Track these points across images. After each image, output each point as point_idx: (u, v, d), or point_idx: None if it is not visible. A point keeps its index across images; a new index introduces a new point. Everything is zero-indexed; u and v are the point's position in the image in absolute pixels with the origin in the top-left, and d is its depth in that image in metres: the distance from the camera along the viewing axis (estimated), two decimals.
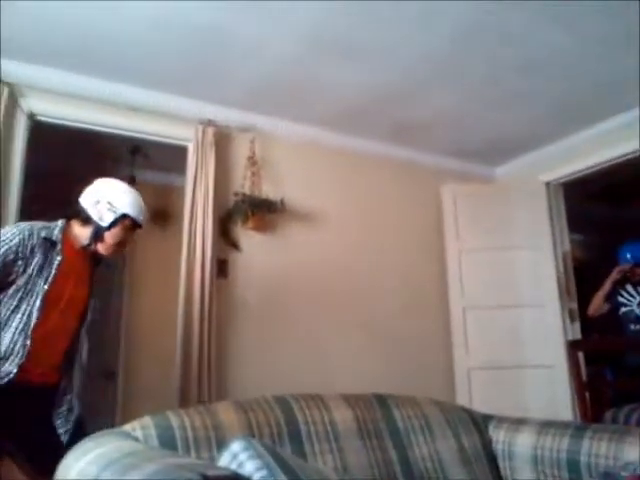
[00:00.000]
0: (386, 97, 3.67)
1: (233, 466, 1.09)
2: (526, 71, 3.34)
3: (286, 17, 2.81)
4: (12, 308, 2.08)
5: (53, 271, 2.16)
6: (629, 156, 3.97)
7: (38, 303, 2.11)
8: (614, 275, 4.00)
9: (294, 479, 1.08)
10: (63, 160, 3.98)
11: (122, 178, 4.27)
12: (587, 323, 4.33)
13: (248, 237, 3.72)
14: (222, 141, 3.75)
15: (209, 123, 3.66)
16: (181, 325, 3.32)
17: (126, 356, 4.50)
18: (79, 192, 2.32)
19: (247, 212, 3.60)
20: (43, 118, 3.29)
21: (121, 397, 4.31)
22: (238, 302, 3.62)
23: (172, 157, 3.97)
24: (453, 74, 3.40)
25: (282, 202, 3.70)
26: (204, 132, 3.62)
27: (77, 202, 2.30)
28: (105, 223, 2.26)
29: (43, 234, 2.16)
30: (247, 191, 3.69)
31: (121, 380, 4.40)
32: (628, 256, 3.95)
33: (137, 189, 4.59)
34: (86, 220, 2.27)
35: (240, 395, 3.13)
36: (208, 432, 1.46)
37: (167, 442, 1.39)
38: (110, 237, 2.29)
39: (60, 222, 2.27)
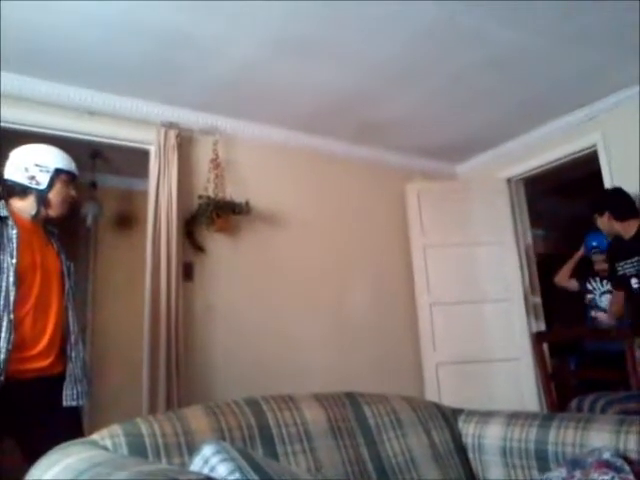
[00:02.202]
0: (350, 98, 3.68)
1: (205, 470, 1.08)
2: (485, 71, 3.39)
3: (247, 18, 2.80)
4: None
5: (15, 244, 2.12)
6: (587, 151, 4.08)
7: (12, 278, 2.07)
8: (580, 252, 4.15)
9: None
10: None
11: (83, 184, 4.22)
12: (552, 310, 4.46)
13: (214, 240, 3.70)
14: (185, 144, 3.71)
15: (171, 126, 3.62)
16: (148, 330, 3.27)
17: (92, 364, 4.42)
18: None
19: (212, 215, 3.57)
20: None
21: (88, 406, 4.22)
22: (205, 305, 3.59)
23: (134, 161, 3.92)
24: (415, 75, 3.43)
25: (247, 204, 3.69)
26: (166, 135, 3.58)
27: (3, 181, 2.26)
28: (43, 185, 2.26)
29: None
30: (211, 194, 3.67)
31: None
32: (594, 244, 4.07)
33: (99, 195, 4.55)
34: (23, 192, 2.25)
35: (210, 398, 3.11)
36: (179, 438, 1.44)
37: (137, 450, 1.37)
38: (54, 196, 2.29)
39: None
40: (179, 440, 1.44)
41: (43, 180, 2.26)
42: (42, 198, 2.27)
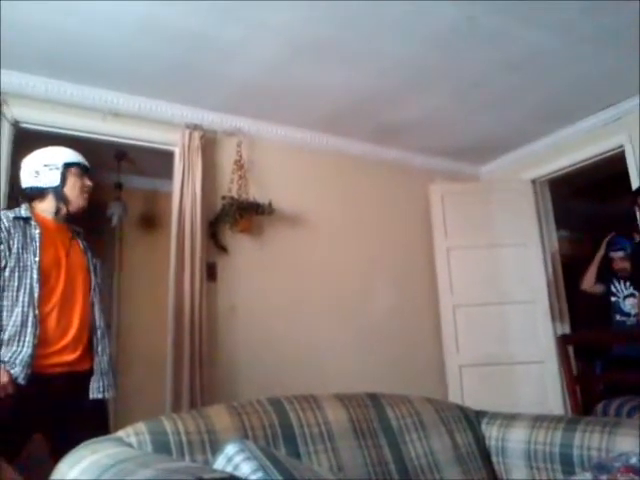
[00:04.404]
0: (372, 99, 3.67)
1: (229, 469, 1.09)
2: (510, 71, 3.36)
3: (269, 21, 2.81)
4: (15, 287, 2.10)
5: (37, 243, 2.18)
6: (613, 152, 4.01)
7: (35, 276, 2.13)
8: (600, 253, 4.08)
9: None
10: None
11: (108, 185, 4.27)
12: (577, 313, 4.40)
13: (236, 240, 3.72)
14: (209, 145, 3.74)
15: (195, 127, 3.65)
16: (172, 330, 3.31)
17: (116, 362, 4.47)
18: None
19: (235, 215, 3.59)
20: (27, 125, 3.27)
21: (113, 403, 4.27)
22: (228, 305, 3.61)
23: (159, 162, 3.96)
24: (438, 75, 3.41)
25: (270, 204, 3.70)
26: (190, 136, 3.61)
27: (21, 190, 2.35)
28: (56, 182, 2.33)
29: (12, 215, 2.21)
30: (235, 194, 3.69)
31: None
32: (617, 245, 3.99)
33: (124, 195, 4.61)
34: (41, 194, 2.33)
35: (233, 397, 3.12)
36: (202, 436, 1.46)
37: (161, 447, 1.38)
38: (71, 190, 2.36)
39: (22, 205, 2.30)
40: (202, 438, 1.45)
41: (55, 177, 2.33)
42: (59, 194, 2.34)
